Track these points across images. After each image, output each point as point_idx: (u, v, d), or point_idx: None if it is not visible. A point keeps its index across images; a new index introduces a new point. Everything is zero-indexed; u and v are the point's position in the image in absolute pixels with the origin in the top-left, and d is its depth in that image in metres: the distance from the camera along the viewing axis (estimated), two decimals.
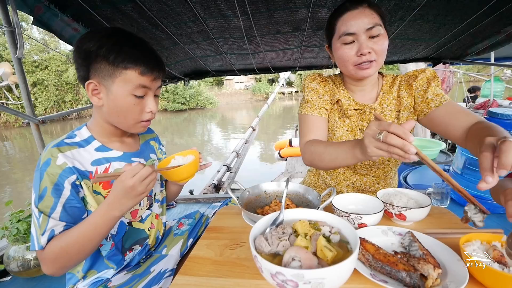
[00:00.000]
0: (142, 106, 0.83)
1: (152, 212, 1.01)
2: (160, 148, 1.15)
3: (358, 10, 0.89)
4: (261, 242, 0.55)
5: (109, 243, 0.87)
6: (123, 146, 0.93)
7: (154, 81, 0.82)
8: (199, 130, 16.35)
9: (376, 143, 0.64)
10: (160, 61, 0.84)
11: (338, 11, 0.94)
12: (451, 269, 0.56)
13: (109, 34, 0.79)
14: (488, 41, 2.05)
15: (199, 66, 2.57)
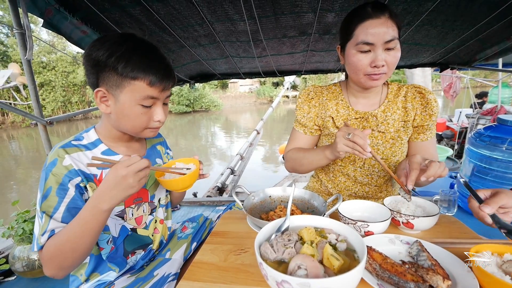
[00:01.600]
0: (150, 115, 0.83)
1: (155, 217, 1.01)
2: (167, 152, 1.15)
3: (381, 20, 0.87)
4: (267, 249, 0.54)
5: (109, 246, 0.87)
6: (129, 150, 0.93)
7: (163, 92, 0.81)
8: (203, 133, 16.41)
9: (345, 141, 0.83)
10: (170, 70, 0.83)
11: (359, 16, 0.91)
12: (461, 280, 0.54)
13: (119, 42, 0.77)
14: (497, 47, 2.02)
15: (205, 69, 2.58)
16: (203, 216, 1.20)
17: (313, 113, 1.12)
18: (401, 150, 1.04)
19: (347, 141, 0.82)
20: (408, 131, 1.03)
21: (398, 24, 0.90)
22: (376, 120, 1.02)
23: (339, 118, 1.06)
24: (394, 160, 1.04)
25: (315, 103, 1.12)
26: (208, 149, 11.78)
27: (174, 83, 0.85)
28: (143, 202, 0.96)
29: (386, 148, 1.03)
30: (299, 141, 1.16)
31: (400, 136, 1.02)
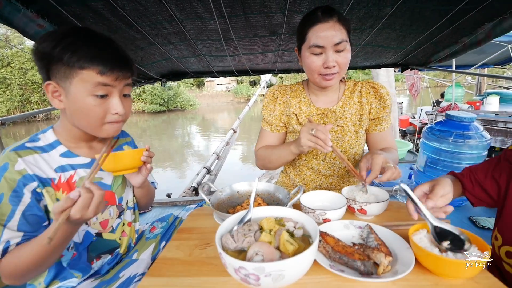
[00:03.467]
0: (106, 107, 0.78)
1: (123, 220, 0.98)
2: None
3: (329, 24, 0.95)
4: (227, 240, 0.57)
5: (70, 253, 0.84)
6: (91, 152, 0.89)
7: (118, 80, 0.77)
8: (179, 132, 16.07)
9: (309, 136, 0.89)
10: (124, 59, 0.79)
11: (310, 20, 0.99)
12: (401, 256, 0.62)
13: (66, 33, 0.74)
14: (448, 50, 2.20)
15: (177, 67, 2.55)
16: (173, 215, 1.19)
17: (278, 111, 1.17)
18: (358, 143, 1.12)
19: (310, 136, 0.89)
20: (363, 124, 1.11)
21: (346, 28, 0.97)
22: (335, 116, 1.10)
23: (302, 115, 1.13)
24: (352, 152, 1.12)
25: (280, 101, 1.17)
26: (185, 149, 11.57)
27: (132, 72, 0.82)
28: (110, 206, 0.93)
29: (345, 141, 1.10)
30: (267, 139, 1.22)
31: (357, 130, 1.11)
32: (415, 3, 1.54)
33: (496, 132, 4.14)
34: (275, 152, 1.11)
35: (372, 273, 0.55)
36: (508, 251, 0.80)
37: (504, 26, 1.72)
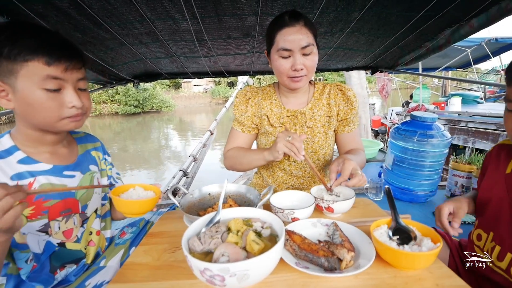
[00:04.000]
0: (60, 101, 0.74)
1: (89, 229, 0.94)
2: (105, 158, 1.07)
3: (296, 28, 0.98)
4: (194, 242, 0.56)
5: (30, 265, 0.79)
6: (54, 157, 0.84)
7: (69, 72, 0.73)
8: (155, 135, 15.63)
9: (285, 142, 0.92)
10: (72, 49, 0.75)
11: (278, 24, 1.02)
12: (363, 250, 0.65)
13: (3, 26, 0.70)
14: (413, 54, 2.33)
15: (150, 68, 2.49)
16: (144, 220, 1.16)
17: (250, 112, 1.18)
18: (327, 143, 1.16)
19: (287, 142, 0.92)
20: (332, 125, 1.15)
21: (313, 32, 1.01)
22: (305, 117, 1.13)
23: (273, 117, 1.15)
24: (322, 152, 1.16)
25: (252, 102, 1.19)
26: (161, 152, 11.28)
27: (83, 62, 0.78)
28: (73, 214, 0.88)
29: (314, 142, 1.14)
30: (238, 139, 1.22)
31: (325, 131, 1.14)
32: (381, 8, 1.62)
33: (459, 131, 4.44)
34: (247, 156, 1.12)
35: (336, 269, 0.58)
36: (479, 234, 0.89)
37: (461, 32, 1.86)
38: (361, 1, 1.54)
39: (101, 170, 1.03)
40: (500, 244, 0.80)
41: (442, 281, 0.59)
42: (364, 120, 4.90)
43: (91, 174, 0.96)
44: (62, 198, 0.85)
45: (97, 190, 0.98)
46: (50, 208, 0.81)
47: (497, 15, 1.59)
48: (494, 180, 0.85)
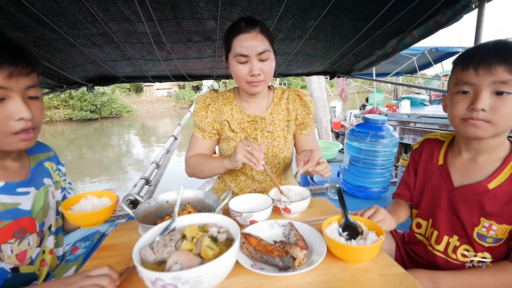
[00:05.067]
0: (5, 113, 0.65)
1: (44, 247, 0.85)
2: (59, 168, 0.99)
3: (252, 34, 1.00)
4: (146, 252, 0.54)
5: None
6: (4, 173, 0.75)
7: (14, 78, 0.64)
8: (115, 141, 14.74)
9: (244, 152, 0.92)
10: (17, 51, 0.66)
11: (234, 30, 1.03)
12: (316, 247, 0.68)
13: None
14: (366, 61, 2.51)
15: (105, 71, 2.35)
16: (99, 233, 1.09)
17: (211, 118, 1.18)
18: (287, 147, 1.20)
19: (246, 152, 0.92)
20: (291, 129, 1.19)
21: (269, 38, 1.04)
22: (265, 122, 1.15)
23: (234, 122, 1.16)
24: (282, 156, 1.19)
25: (212, 108, 1.18)
26: (123, 160, 10.67)
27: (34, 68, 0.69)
28: (28, 234, 0.79)
29: (274, 146, 1.17)
30: (199, 146, 1.22)
31: (285, 135, 1.18)
32: (334, 17, 1.73)
33: (409, 131, 4.86)
34: (208, 164, 1.13)
35: (290, 267, 0.60)
36: (419, 222, 0.97)
37: (405, 41, 2.05)
38: (316, 10, 1.63)
39: (55, 183, 0.95)
40: (437, 229, 0.90)
41: (385, 270, 0.64)
42: (325, 122, 5.14)
43: (46, 188, 0.88)
44: (15, 218, 0.76)
45: (52, 205, 0.90)
46: (1, 230, 0.72)
47: (433, 28, 1.79)
48: (429, 172, 0.94)
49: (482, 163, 0.81)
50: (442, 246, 0.88)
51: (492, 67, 0.68)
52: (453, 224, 0.86)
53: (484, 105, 0.70)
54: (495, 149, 0.79)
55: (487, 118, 0.71)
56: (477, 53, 0.72)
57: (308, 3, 1.54)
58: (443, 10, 1.66)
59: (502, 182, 0.76)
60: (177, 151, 8.14)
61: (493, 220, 0.78)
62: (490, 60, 0.69)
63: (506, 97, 0.69)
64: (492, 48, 0.70)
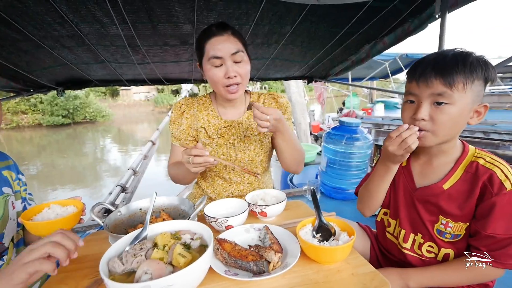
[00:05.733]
0: None
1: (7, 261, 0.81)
2: (19, 178, 0.95)
3: (224, 37, 1.00)
4: (114, 263, 0.52)
5: None
6: None
7: None
8: (89, 148, 14.09)
9: (190, 165, 0.90)
10: None
11: (206, 34, 1.03)
12: (290, 249, 0.69)
13: None
14: (342, 66, 2.59)
15: (77, 74, 2.25)
16: None
17: (186, 125, 1.17)
18: (263, 151, 1.20)
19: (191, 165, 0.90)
20: (267, 133, 1.19)
21: (241, 41, 1.05)
22: (242, 127, 1.15)
23: (210, 128, 1.15)
24: (258, 160, 1.19)
25: (187, 115, 1.17)
26: (98, 167, 10.22)
27: None
28: None
29: (251, 150, 1.17)
30: (178, 154, 1.19)
31: (261, 139, 1.18)
32: (309, 24, 1.77)
33: (383, 133, 5.06)
34: (180, 172, 1.12)
35: (264, 271, 0.60)
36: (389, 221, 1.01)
37: (378, 48, 2.15)
38: (292, 16, 1.67)
39: (15, 192, 0.89)
40: (404, 228, 0.94)
41: (357, 270, 0.66)
42: (304, 125, 5.23)
43: (5, 198, 0.83)
44: None
45: (12, 216, 0.84)
46: None
47: (402, 35, 1.89)
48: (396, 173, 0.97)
49: (437, 165, 0.86)
50: (409, 244, 0.93)
51: (429, 80, 0.74)
52: (416, 223, 0.91)
53: (423, 115, 0.76)
54: (447, 152, 0.84)
55: (427, 127, 0.77)
56: (418, 66, 0.78)
57: (284, 10, 1.57)
58: (410, 19, 1.76)
59: (455, 182, 0.82)
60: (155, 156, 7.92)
61: (449, 218, 0.83)
62: (427, 74, 0.74)
63: (444, 107, 0.74)
64: (430, 62, 0.76)
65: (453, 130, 0.78)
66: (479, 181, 0.77)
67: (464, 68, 0.72)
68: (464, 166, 0.81)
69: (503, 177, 0.74)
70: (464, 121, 0.77)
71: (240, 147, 1.16)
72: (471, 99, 0.74)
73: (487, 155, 0.80)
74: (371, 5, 1.54)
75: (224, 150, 1.17)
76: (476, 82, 0.73)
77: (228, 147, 1.17)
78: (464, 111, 0.75)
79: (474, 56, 0.74)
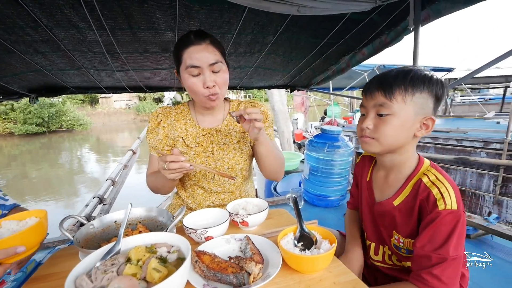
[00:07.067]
0: None
1: None
2: None
3: (202, 46, 0.98)
4: (82, 281, 0.48)
5: None
6: None
7: None
8: (65, 158, 13.48)
9: (165, 171, 0.88)
10: None
11: (184, 42, 1.01)
12: (272, 260, 0.67)
13: None
14: (323, 75, 2.66)
15: (51, 80, 2.15)
16: (34, 261, 0.96)
17: (162, 134, 1.14)
18: (243, 159, 1.18)
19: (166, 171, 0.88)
20: (247, 141, 1.19)
21: (220, 50, 1.04)
22: (220, 134, 1.14)
23: (188, 137, 1.13)
24: (238, 168, 1.17)
25: (164, 124, 1.15)
26: (74, 178, 9.78)
27: None
28: None
29: (230, 159, 1.15)
30: (155, 164, 1.17)
31: (241, 147, 1.17)
32: (291, 34, 1.81)
33: None
34: (157, 180, 1.08)
35: (245, 283, 0.57)
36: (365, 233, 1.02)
37: (357, 58, 2.22)
38: (274, 27, 1.69)
39: None
40: (372, 241, 0.97)
41: (339, 278, 0.65)
42: (287, 134, 5.29)
43: None
44: None
45: None
46: None
47: (380, 46, 1.97)
48: (362, 186, 1.02)
49: (391, 181, 0.90)
50: (380, 257, 0.95)
51: (373, 93, 0.82)
52: (380, 236, 0.94)
53: (367, 124, 0.83)
54: (401, 167, 0.87)
55: (371, 135, 0.83)
56: (369, 85, 0.85)
57: (266, 20, 1.59)
58: (387, 31, 1.84)
59: (404, 199, 0.84)
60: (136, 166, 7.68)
61: (400, 234, 0.86)
62: (372, 87, 0.83)
63: (385, 118, 0.80)
64: (376, 79, 0.84)
65: (396, 139, 0.82)
66: (418, 199, 0.79)
67: (403, 82, 0.77)
68: (413, 183, 0.83)
69: (438, 196, 0.75)
70: (408, 132, 0.81)
71: (219, 155, 1.14)
72: (413, 111, 0.78)
73: (435, 173, 0.81)
74: (349, 17, 1.59)
75: (203, 159, 1.14)
76: (417, 95, 0.77)
77: (207, 156, 1.15)
78: (406, 122, 0.79)
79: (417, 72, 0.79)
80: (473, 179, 4.27)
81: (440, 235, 0.72)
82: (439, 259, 0.72)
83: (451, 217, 0.72)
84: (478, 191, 4.28)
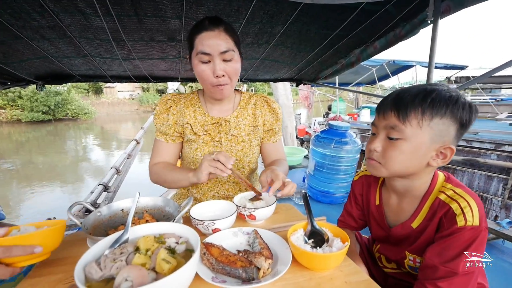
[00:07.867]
0: None
1: None
2: None
3: (215, 33, 0.96)
4: (91, 269, 0.47)
5: None
6: None
7: None
8: (71, 146, 13.59)
9: (210, 160, 0.88)
10: None
11: (198, 28, 0.99)
12: (281, 256, 0.66)
13: None
14: (331, 69, 2.60)
15: (57, 68, 2.14)
16: None
17: (172, 120, 1.13)
18: (251, 152, 1.17)
19: (211, 161, 0.88)
20: (257, 134, 1.17)
21: (234, 38, 1.01)
22: (229, 125, 1.12)
23: (196, 125, 1.11)
24: (246, 160, 1.16)
25: (174, 110, 1.13)
26: (79, 165, 9.88)
27: None
28: None
29: (238, 150, 1.14)
30: (163, 150, 1.15)
31: (250, 139, 1.16)
32: (301, 24, 1.76)
33: (368, 138, 5.19)
34: (171, 174, 1.06)
35: (254, 278, 0.56)
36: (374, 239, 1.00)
37: (368, 52, 2.16)
38: (284, 16, 1.65)
39: None
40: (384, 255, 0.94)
41: (350, 278, 0.64)
42: (290, 129, 5.25)
43: None
44: None
45: None
46: None
47: (393, 40, 1.91)
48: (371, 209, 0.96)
49: (406, 203, 0.84)
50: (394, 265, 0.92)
51: (386, 114, 0.74)
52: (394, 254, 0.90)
53: (375, 146, 0.76)
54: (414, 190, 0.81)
55: (378, 159, 0.76)
56: (383, 102, 0.78)
57: (275, 9, 1.55)
58: (402, 24, 1.77)
59: (422, 220, 0.79)
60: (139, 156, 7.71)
61: (415, 254, 0.82)
62: (386, 106, 0.75)
63: (395, 142, 0.72)
64: (390, 98, 0.75)
65: (406, 167, 0.74)
66: (437, 216, 0.74)
67: (421, 103, 0.68)
68: (430, 203, 0.78)
69: (458, 212, 0.69)
70: (421, 161, 0.73)
71: (227, 146, 1.13)
72: (429, 137, 0.70)
73: (451, 187, 0.76)
74: (363, 7, 1.54)
75: (211, 149, 1.13)
76: (436, 120, 0.68)
77: (215, 146, 1.14)
78: (418, 149, 0.71)
79: (441, 93, 0.69)
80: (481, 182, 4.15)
81: (453, 249, 0.68)
82: (447, 272, 0.67)
83: (470, 233, 0.67)
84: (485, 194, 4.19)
